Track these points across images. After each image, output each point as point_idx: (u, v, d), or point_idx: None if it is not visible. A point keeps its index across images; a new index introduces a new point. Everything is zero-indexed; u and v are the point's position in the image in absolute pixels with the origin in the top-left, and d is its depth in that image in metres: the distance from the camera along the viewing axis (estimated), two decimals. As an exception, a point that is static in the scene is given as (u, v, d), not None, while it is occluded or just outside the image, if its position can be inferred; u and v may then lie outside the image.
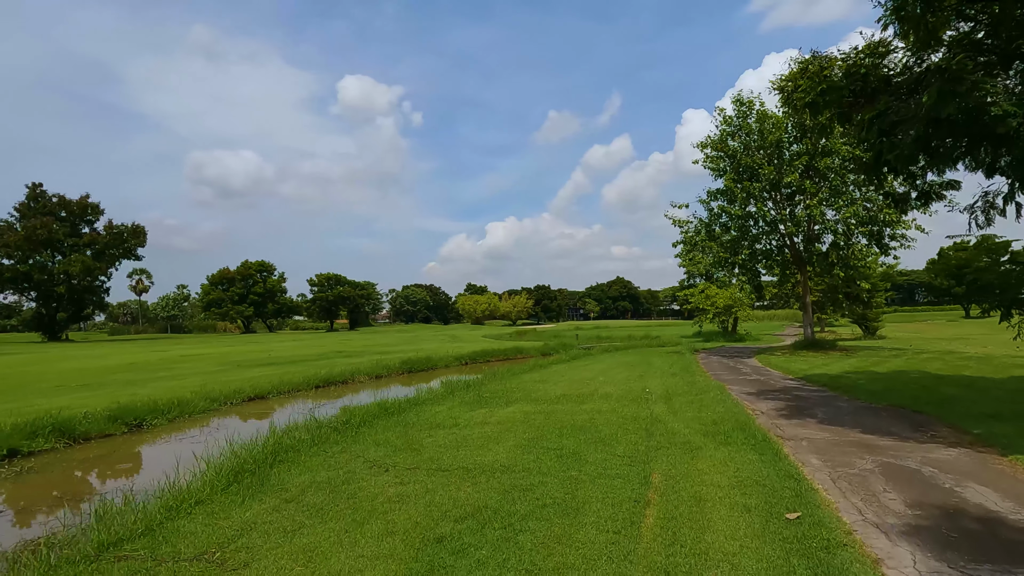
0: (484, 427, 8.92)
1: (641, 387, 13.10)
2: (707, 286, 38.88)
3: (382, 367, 21.12)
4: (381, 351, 30.19)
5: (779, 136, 18.67)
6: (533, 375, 17.03)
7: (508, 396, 12.44)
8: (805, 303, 20.80)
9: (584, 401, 11.31)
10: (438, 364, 23.92)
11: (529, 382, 15.14)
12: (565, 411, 10.19)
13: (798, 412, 9.45)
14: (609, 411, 10.01)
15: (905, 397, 10.30)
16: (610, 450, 7.11)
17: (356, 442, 8.08)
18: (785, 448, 6.96)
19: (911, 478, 5.57)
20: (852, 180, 18.33)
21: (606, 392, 12.40)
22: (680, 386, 12.91)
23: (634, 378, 14.98)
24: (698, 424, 8.52)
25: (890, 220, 18.09)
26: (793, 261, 20.98)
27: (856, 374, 13.83)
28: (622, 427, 8.53)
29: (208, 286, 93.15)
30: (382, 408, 10.67)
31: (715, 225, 21.59)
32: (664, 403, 10.71)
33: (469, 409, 10.90)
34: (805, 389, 12.05)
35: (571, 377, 15.96)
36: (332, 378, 18.32)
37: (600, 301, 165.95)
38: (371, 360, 23.31)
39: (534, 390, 13.40)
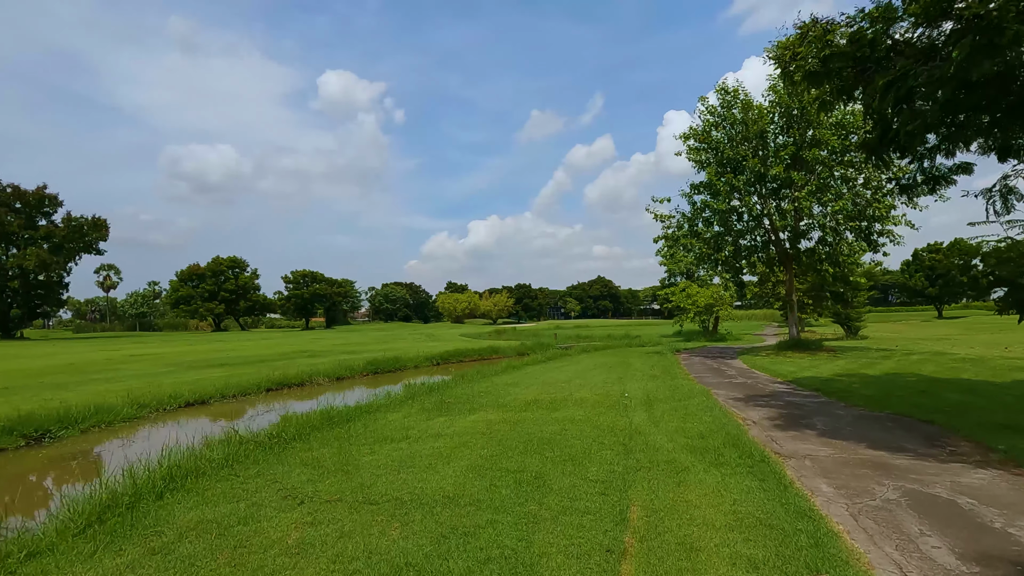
0: (438, 441, 7.68)
1: (619, 391, 11.99)
2: (688, 285, 38.16)
3: (345, 368, 19.68)
4: (350, 351, 28.67)
5: (764, 126, 17.78)
6: (505, 377, 15.83)
7: (474, 401, 11.21)
8: (791, 301, 20.00)
9: (556, 408, 10.15)
10: (407, 365, 22.55)
11: (500, 385, 13.93)
12: (534, 420, 9.00)
13: (794, 422, 8.40)
14: (583, 420, 8.85)
15: (907, 404, 9.35)
16: (581, 472, 5.94)
17: (280, 462, 6.76)
18: (787, 470, 5.86)
19: (948, 514, 4.49)
20: (840, 174, 17.55)
21: (581, 397, 11.26)
22: (662, 390, 11.84)
23: (612, 381, 13.88)
24: (683, 437, 7.40)
25: (879, 215, 17.35)
26: (778, 258, 20.15)
27: (848, 377, 12.93)
28: (596, 441, 7.37)
29: (177, 282, 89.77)
30: (326, 417, 9.34)
31: (698, 220, 20.66)
32: (644, 410, 9.60)
33: (427, 417, 9.64)
34: (797, 394, 11.06)
35: (545, 380, 14.80)
36: (287, 380, 16.85)
37: (581, 300, 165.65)
38: (335, 360, 21.84)
39: (503, 394, 12.20)
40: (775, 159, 17.62)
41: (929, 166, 8.64)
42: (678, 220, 21.29)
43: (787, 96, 17.35)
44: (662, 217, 21.75)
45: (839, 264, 18.64)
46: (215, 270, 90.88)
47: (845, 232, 17.77)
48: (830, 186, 17.47)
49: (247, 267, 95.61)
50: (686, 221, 20.94)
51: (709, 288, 37.79)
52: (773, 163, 17.62)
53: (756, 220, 19.76)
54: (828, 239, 18.42)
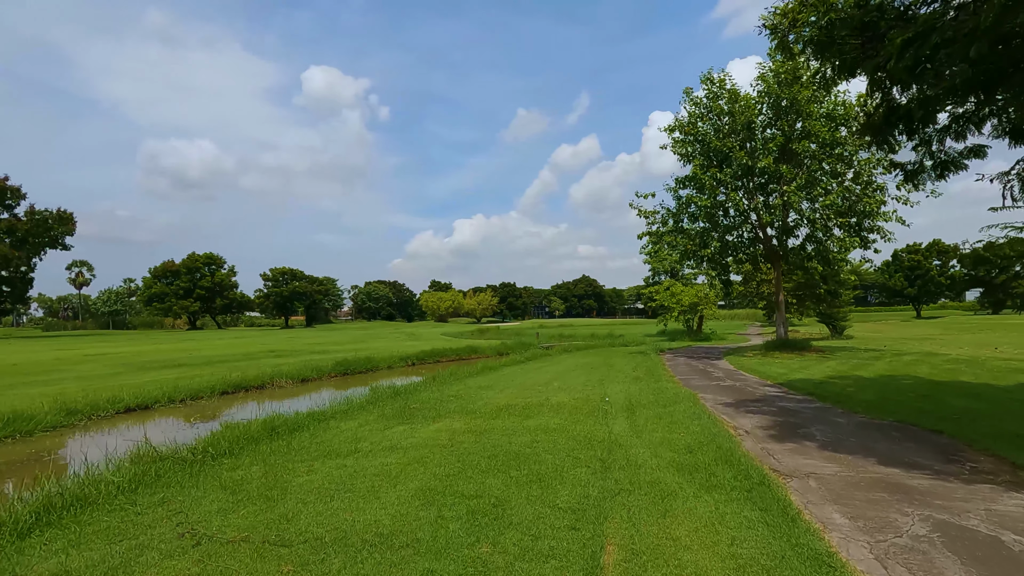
0: (390, 456, 6.69)
1: (600, 395, 11.10)
2: (672, 283, 37.58)
3: (312, 369, 18.53)
4: (323, 350, 27.43)
5: (752, 116, 17.05)
6: (479, 379, 14.86)
7: (440, 407, 10.23)
8: (778, 300, 19.34)
9: (530, 414, 9.21)
10: (380, 365, 21.45)
11: (473, 388, 12.97)
12: (504, 429, 8.05)
13: (791, 431, 7.57)
14: (558, 429, 7.93)
15: (909, 410, 8.60)
16: (550, 496, 5.01)
17: (196, 484, 5.71)
18: (791, 494, 4.99)
19: (995, 555, 3.64)
20: (830, 168, 16.89)
21: (558, 402, 10.34)
22: (645, 394, 10.97)
23: (593, 383, 13.00)
24: (669, 451, 6.51)
25: (870, 210, 16.74)
26: (766, 255, 19.49)
27: (841, 380, 12.21)
28: (571, 455, 6.44)
29: (150, 279, 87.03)
30: (268, 427, 8.27)
31: (683, 216, 19.90)
32: (626, 417, 8.71)
33: (384, 426, 8.64)
34: (790, 399, 10.27)
35: (522, 382, 13.87)
36: (246, 383, 15.66)
37: (566, 299, 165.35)
38: (303, 361, 20.66)
39: (475, 398, 11.24)
40: (763, 151, 16.90)
41: (937, 149, 7.88)
42: (663, 216, 20.51)
43: (776, 86, 16.66)
44: (646, 213, 20.95)
45: (828, 262, 18.02)
46: (190, 267, 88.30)
47: (834, 228, 17.13)
48: (819, 180, 16.80)
49: (224, 264, 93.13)
50: (671, 217, 20.17)
51: (693, 287, 37.27)
52: (761, 155, 16.90)
53: (742, 216, 19.06)
54: (817, 235, 17.77)
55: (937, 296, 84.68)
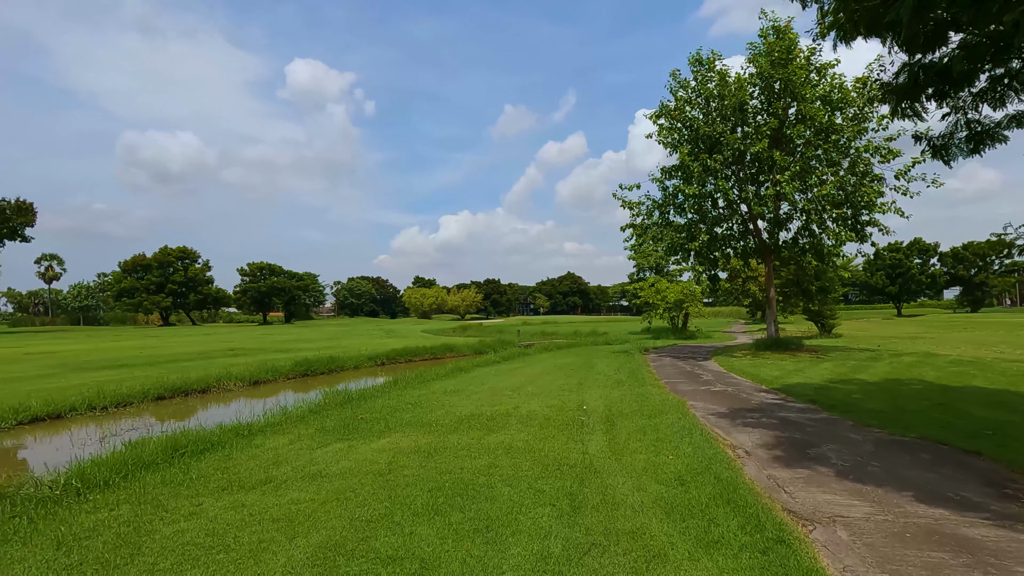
0: (307, 488, 5.31)
1: (577, 402, 9.81)
2: (657, 280, 36.55)
3: (268, 370, 16.97)
4: (289, 348, 25.80)
5: (744, 97, 15.84)
6: (448, 382, 13.50)
7: (392, 418, 8.84)
8: (769, 297, 18.24)
9: (495, 427, 7.88)
10: (346, 365, 19.95)
11: (437, 393, 11.60)
12: (459, 448, 6.71)
13: (800, 452, 6.33)
14: (523, 449, 6.61)
15: (931, 423, 7.44)
16: (495, 558, 3.68)
17: (24, 540, 4.26)
18: (821, 554, 3.71)
19: None
20: (825, 156, 15.77)
21: (529, 411, 9.02)
22: (627, 402, 9.70)
23: (570, 388, 11.71)
24: (656, 482, 5.22)
25: (868, 201, 15.69)
26: (756, 248, 18.37)
27: (843, 384, 11.08)
28: (533, 487, 5.13)
29: (120, 274, 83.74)
30: (170, 448, 6.79)
31: (670, 207, 18.70)
32: (605, 432, 7.42)
33: (319, 444, 7.24)
34: (791, 408, 9.07)
35: (493, 385, 12.53)
36: (187, 386, 14.08)
37: (550, 296, 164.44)
38: (261, 361, 19.06)
39: (436, 406, 9.87)
40: (756, 135, 15.73)
41: (971, 119, 6.68)
42: (648, 207, 19.28)
43: (769, 66, 15.47)
44: (631, 205, 19.70)
45: (823, 256, 16.95)
46: (162, 261, 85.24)
47: (829, 221, 16.02)
48: (814, 168, 15.68)
49: (198, 258, 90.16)
50: (656, 208, 18.95)
51: (679, 284, 36.29)
52: (754, 139, 15.72)
53: (732, 207, 17.91)
54: (811, 227, 16.68)
55: (917, 294, 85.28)
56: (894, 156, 15.74)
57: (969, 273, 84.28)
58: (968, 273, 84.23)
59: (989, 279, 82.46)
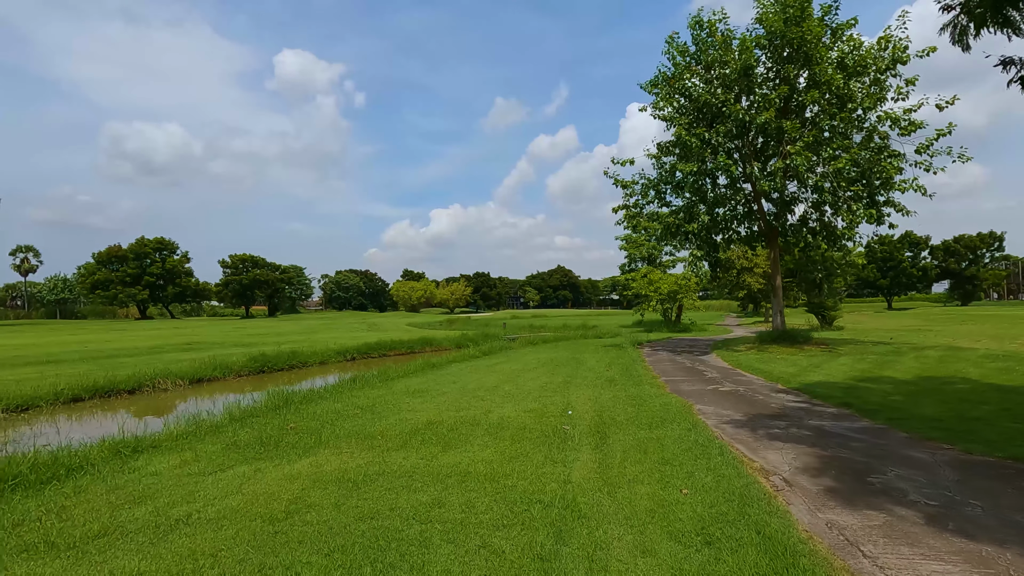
0: (147, 550, 3.54)
1: (561, 406, 8.10)
2: (650, 270, 34.91)
3: (217, 367, 15.10)
4: (254, 343, 23.85)
5: (749, 60, 14.09)
6: (414, 380, 11.73)
7: (331, 427, 7.08)
8: (775, 285, 16.62)
9: (454, 442, 6.16)
10: (309, 361, 18.09)
11: (398, 393, 9.84)
12: (399, 475, 4.98)
13: (859, 482, 4.65)
14: (484, 475, 4.89)
15: (1013, 435, 5.81)
16: None
17: None
18: None
19: None
20: (841, 127, 14.08)
21: (501, 418, 7.30)
22: (621, 406, 8.00)
23: (555, 387, 9.99)
24: (669, 539, 3.51)
25: (886, 178, 14.09)
26: (761, 231, 16.72)
27: (874, 383, 9.47)
28: (486, 549, 3.41)
29: (93, 265, 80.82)
30: (3, 475, 4.97)
31: (666, 186, 16.98)
32: (594, 448, 5.73)
33: (216, 467, 5.47)
34: (823, 413, 7.41)
35: (465, 384, 10.78)
36: (112, 385, 12.21)
37: (540, 290, 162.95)
38: (214, 356, 17.15)
39: (390, 411, 8.13)
40: (763, 103, 14.03)
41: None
42: (642, 187, 17.55)
43: (782, 24, 13.72)
44: (623, 184, 17.98)
45: (834, 239, 15.35)
46: (139, 252, 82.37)
47: (843, 201, 14.36)
48: (830, 139, 13.99)
49: (176, 249, 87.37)
50: (651, 187, 17.22)
51: (672, 275, 34.71)
52: (760, 108, 14.03)
53: (734, 185, 16.22)
54: (823, 207, 15.04)
55: (908, 287, 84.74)
56: (915, 128, 14.13)
57: (960, 266, 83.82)
58: (959, 266, 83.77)
59: (980, 272, 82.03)
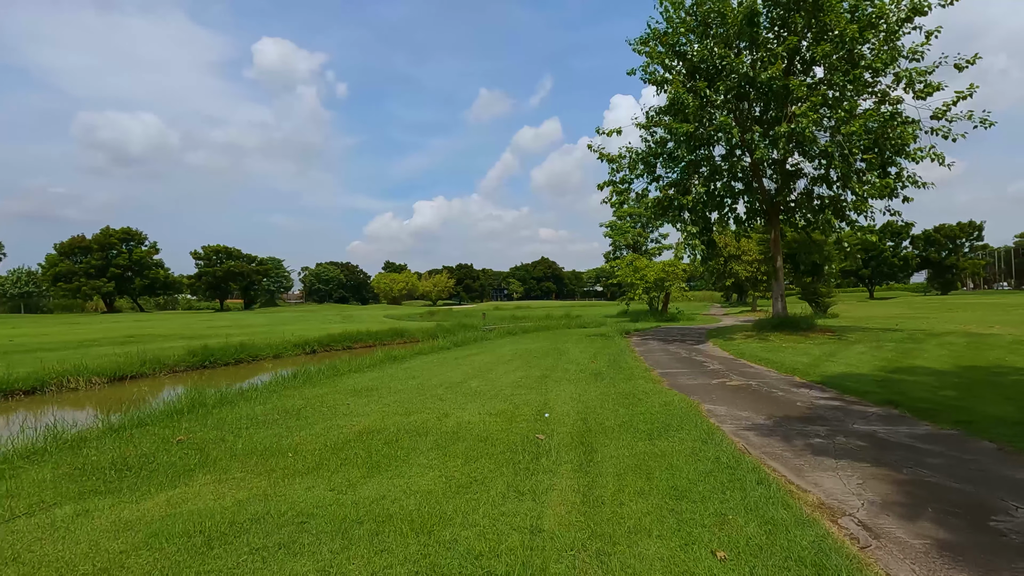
0: None
1: (536, 406, 6.46)
2: (636, 258, 33.47)
3: (150, 362, 13.19)
4: (207, 335, 21.80)
5: (753, 4, 12.42)
6: (366, 376, 10.00)
7: (232, 440, 5.36)
8: (776, 267, 15.16)
9: (387, 460, 4.48)
10: (262, 353, 16.23)
11: (342, 392, 8.12)
12: (286, 521, 3.29)
13: (982, 532, 3.09)
14: (414, 520, 3.21)
15: None
16: None
17: None
18: None
19: None
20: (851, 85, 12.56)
21: (459, 425, 5.64)
22: (611, 407, 6.38)
23: (531, 383, 8.35)
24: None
25: (899, 145, 12.66)
26: (761, 208, 15.23)
27: (907, 374, 8.01)
28: None
29: (55, 256, 76.96)
30: None
31: (657, 158, 15.37)
32: (576, 470, 4.09)
33: (33, 507, 3.73)
34: (867, 415, 5.87)
35: (426, 380, 9.08)
36: (7, 384, 10.26)
37: (524, 282, 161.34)
38: (150, 350, 15.17)
39: (321, 416, 6.42)
40: (767, 57, 12.45)
41: None
42: (630, 160, 15.91)
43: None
44: (610, 158, 16.34)
45: (843, 214, 13.90)
46: (103, 243, 78.62)
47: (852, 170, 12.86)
48: (840, 100, 12.47)
49: (144, 240, 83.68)
50: (640, 160, 15.59)
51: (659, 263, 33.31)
52: (765, 63, 12.45)
53: (732, 154, 14.65)
54: (832, 177, 13.55)
55: (890, 277, 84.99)
56: (933, 90, 12.70)
57: (940, 256, 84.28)
58: (939, 256, 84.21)
59: (960, 262, 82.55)
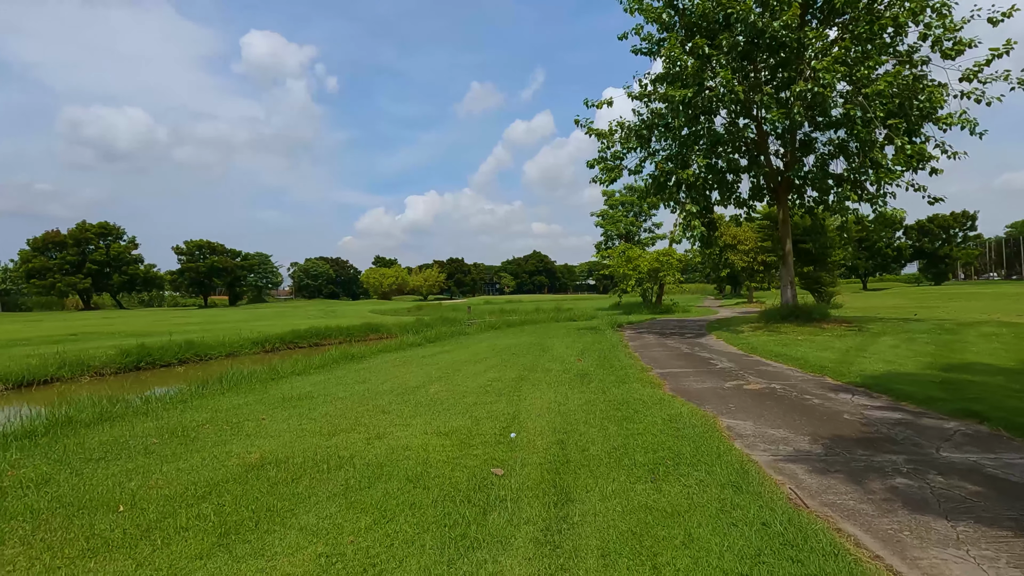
0: None
1: (504, 421, 4.84)
2: (628, 247, 31.92)
3: (67, 365, 11.44)
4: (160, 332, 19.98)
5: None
6: (308, 379, 8.33)
7: (36, 493, 3.68)
8: (785, 252, 13.62)
9: (256, 522, 2.82)
10: (213, 352, 14.50)
11: (266, 403, 6.47)
12: None
13: None
14: None
15: None
16: None
17: None
18: None
19: None
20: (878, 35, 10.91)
21: (391, 452, 3.99)
22: (598, 422, 4.77)
23: (503, 387, 6.72)
24: None
25: (928, 109, 11.09)
26: (770, 183, 13.64)
27: (968, 373, 6.50)
28: None
29: (28, 252, 74.27)
30: None
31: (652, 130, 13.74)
32: (539, 544, 2.47)
33: None
34: (952, 435, 4.31)
35: (376, 385, 7.42)
36: None
37: (516, 276, 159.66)
38: (63, 351, 13.40)
39: (216, 439, 4.77)
40: (779, 4, 10.78)
41: None
42: (622, 136, 14.29)
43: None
44: (600, 134, 14.72)
45: (863, 189, 12.30)
46: (79, 238, 76.07)
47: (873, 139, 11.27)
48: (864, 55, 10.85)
49: (123, 235, 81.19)
50: (632, 134, 13.97)
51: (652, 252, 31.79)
52: (778, 9, 10.80)
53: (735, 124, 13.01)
54: (853, 148, 11.91)
55: (884, 268, 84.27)
56: (965, 47, 11.17)
57: (934, 246, 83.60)
58: (933, 246, 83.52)
59: (953, 251, 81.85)
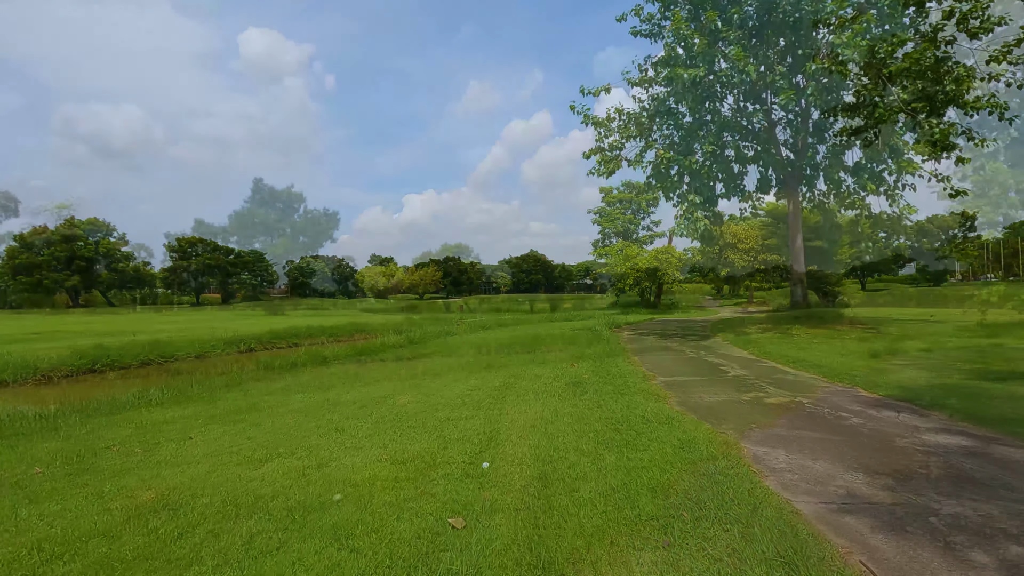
0: None
1: (475, 443, 3.80)
2: (626, 245, 30.98)
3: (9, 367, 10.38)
4: (128, 332, 18.92)
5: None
6: (265, 386, 7.29)
7: None
8: (795, 247, 12.65)
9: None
10: (180, 353, 13.44)
11: (201, 416, 5.45)
12: None
13: None
14: None
15: None
16: None
17: None
18: None
19: None
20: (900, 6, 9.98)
21: (326, 490, 2.99)
22: (591, 448, 3.74)
23: (483, 398, 5.70)
24: None
25: (955, 93, 10.17)
26: (779, 173, 12.66)
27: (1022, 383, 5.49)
28: None
29: (15, 248, 72.96)
30: None
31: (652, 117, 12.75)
32: None
33: None
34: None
35: (338, 394, 6.40)
36: None
37: (513, 275, 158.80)
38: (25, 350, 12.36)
39: (121, 465, 3.77)
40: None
41: None
42: (620, 124, 13.30)
43: None
44: (598, 123, 13.72)
45: (880, 179, 11.33)
46: (67, 234, 74.77)
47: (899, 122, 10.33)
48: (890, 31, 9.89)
49: (113, 231, 79.94)
50: (632, 121, 12.99)
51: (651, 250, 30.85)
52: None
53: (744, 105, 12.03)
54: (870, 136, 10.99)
55: (883, 270, 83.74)
56: (995, 25, 10.19)
57: (933, 247, 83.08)
58: (932, 247, 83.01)
59: (953, 253, 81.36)
